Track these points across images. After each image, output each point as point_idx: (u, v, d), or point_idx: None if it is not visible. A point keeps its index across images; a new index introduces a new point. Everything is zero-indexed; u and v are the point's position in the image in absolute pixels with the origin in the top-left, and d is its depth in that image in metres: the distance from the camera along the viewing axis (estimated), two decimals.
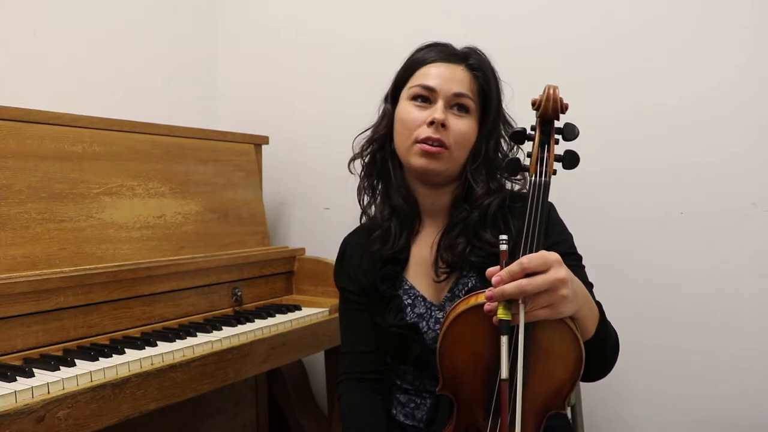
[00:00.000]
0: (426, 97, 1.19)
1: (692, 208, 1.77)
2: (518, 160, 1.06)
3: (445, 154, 1.17)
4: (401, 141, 1.21)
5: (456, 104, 1.18)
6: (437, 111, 1.16)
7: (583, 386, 1.60)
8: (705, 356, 1.76)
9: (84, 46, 2.04)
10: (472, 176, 1.20)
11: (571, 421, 1.48)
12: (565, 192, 1.83)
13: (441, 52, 1.22)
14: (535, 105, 1.03)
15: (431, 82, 1.18)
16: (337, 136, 1.34)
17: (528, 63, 1.88)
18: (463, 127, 1.18)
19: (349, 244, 1.35)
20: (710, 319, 1.75)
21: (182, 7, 2.39)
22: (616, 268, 1.83)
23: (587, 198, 1.86)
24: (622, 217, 1.85)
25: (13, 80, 1.85)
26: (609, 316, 1.13)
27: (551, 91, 1.01)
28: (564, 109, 1.02)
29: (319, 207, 2.31)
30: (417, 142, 1.17)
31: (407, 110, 1.20)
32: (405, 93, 1.22)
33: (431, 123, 1.15)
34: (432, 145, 1.16)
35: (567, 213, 1.26)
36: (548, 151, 1.01)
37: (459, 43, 1.27)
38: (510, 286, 0.89)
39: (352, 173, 1.32)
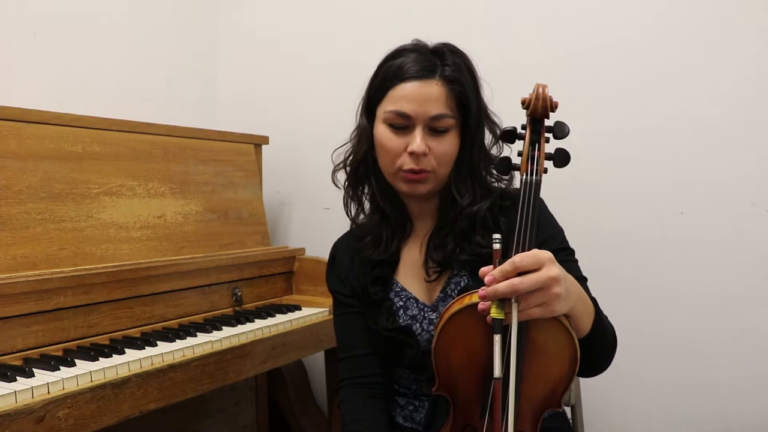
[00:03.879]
0: (403, 124, 1.14)
1: (692, 208, 1.77)
2: (509, 159, 1.04)
3: (431, 177, 1.15)
4: (385, 166, 1.18)
5: (434, 126, 1.13)
6: (416, 141, 1.12)
7: (583, 386, 1.60)
8: (705, 357, 1.76)
9: (84, 46, 2.04)
10: (456, 188, 1.18)
11: (571, 421, 1.48)
12: (564, 192, 1.84)
13: (414, 63, 1.14)
14: (525, 104, 1.02)
15: (406, 109, 1.12)
16: (337, 136, 1.34)
17: (535, 67, 1.88)
18: (444, 146, 1.14)
19: (339, 248, 1.33)
20: (710, 319, 1.75)
21: (182, 8, 2.39)
22: (616, 268, 1.83)
23: (587, 198, 1.86)
24: (621, 217, 1.85)
25: (13, 80, 1.85)
26: (608, 317, 1.13)
27: (540, 90, 1.00)
28: (554, 107, 1.01)
29: (319, 207, 2.31)
30: (401, 170, 1.14)
31: (386, 136, 1.15)
32: (381, 113, 1.17)
33: (411, 153, 1.12)
34: (416, 173, 1.13)
35: (566, 213, 1.26)
36: (539, 150, 1.00)
37: (457, 43, 1.22)
38: (502, 285, 0.88)
39: (337, 186, 1.29)
